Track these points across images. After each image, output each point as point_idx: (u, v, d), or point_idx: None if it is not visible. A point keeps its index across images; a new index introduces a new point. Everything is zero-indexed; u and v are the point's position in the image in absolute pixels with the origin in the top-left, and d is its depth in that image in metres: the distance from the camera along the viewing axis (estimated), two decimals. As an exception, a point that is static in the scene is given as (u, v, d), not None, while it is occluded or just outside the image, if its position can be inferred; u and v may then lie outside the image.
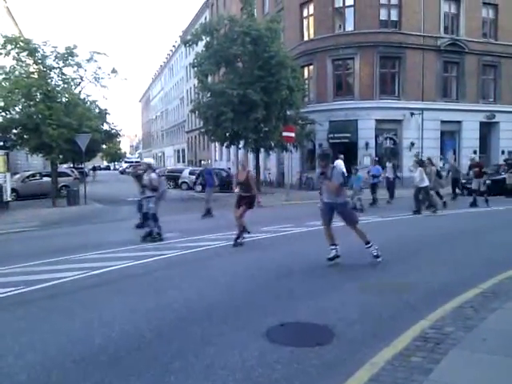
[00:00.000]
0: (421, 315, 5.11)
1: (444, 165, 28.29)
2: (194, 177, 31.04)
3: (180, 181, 32.90)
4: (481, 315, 5.03)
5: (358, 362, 4.02)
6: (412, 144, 28.15)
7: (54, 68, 23.34)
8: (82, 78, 24.39)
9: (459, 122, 29.75)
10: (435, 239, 10.34)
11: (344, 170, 14.62)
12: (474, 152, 28.63)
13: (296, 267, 7.78)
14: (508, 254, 8.48)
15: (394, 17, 28.16)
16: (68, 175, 29.70)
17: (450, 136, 30.26)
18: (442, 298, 5.71)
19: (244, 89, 22.58)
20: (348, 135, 27.70)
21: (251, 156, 30.83)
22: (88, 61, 23.71)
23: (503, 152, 29.61)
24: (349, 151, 26.39)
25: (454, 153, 28.22)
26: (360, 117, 27.68)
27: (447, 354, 4.08)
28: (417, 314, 5.15)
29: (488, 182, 17.81)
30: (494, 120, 30.21)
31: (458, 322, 4.84)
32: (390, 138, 28.90)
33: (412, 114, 28.00)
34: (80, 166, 42.55)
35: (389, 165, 20.42)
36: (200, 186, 25.31)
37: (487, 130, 30.63)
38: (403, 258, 8.40)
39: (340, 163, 14.91)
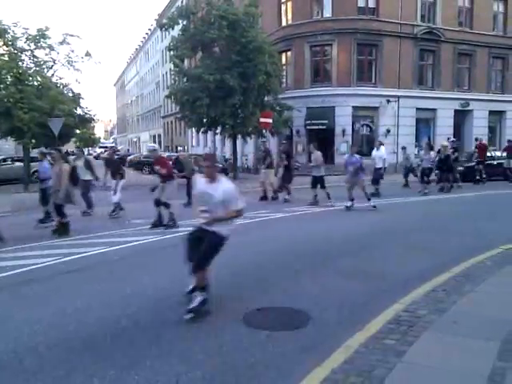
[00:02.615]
0: (394, 299, 5.20)
1: (418, 152, 28.71)
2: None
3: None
4: (452, 298, 5.15)
5: (333, 345, 4.08)
6: (388, 131, 28.42)
7: (25, 50, 22.70)
8: (54, 61, 23.80)
9: (434, 110, 30.12)
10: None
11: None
12: (448, 139, 29.16)
13: (269, 253, 7.80)
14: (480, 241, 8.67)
15: (371, 4, 28.14)
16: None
17: (425, 123, 30.63)
18: (416, 282, 5.82)
19: (221, 74, 22.33)
20: (325, 122, 27.75)
21: (228, 142, 30.66)
22: (61, 43, 23.12)
23: (476, 139, 30.11)
24: (326, 138, 26.50)
25: (429, 139, 28.55)
26: (337, 103, 27.76)
27: (420, 336, 4.17)
28: (391, 298, 5.24)
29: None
30: (468, 108, 30.69)
31: (431, 306, 4.94)
32: (367, 125, 29.11)
33: (388, 102, 28.22)
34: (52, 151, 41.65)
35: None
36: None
37: (461, 117, 31.10)
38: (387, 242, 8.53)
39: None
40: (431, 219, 11.35)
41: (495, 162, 21.44)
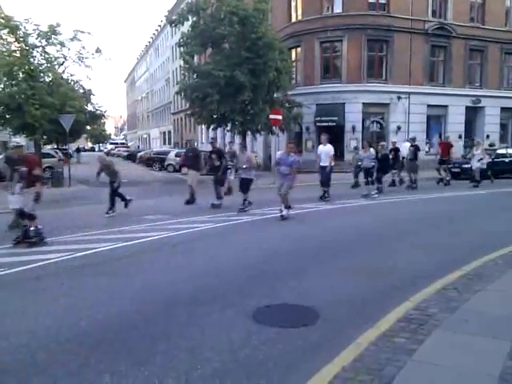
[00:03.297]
0: (405, 297, 5.18)
1: (430, 149, 28.53)
2: (179, 159, 30.97)
3: (166, 163, 32.83)
4: (464, 297, 5.11)
5: (342, 343, 4.07)
6: (398, 128, 28.24)
7: (36, 47, 22.80)
8: (65, 58, 23.90)
9: (445, 107, 29.86)
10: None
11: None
12: (459, 136, 28.93)
13: (281, 249, 7.81)
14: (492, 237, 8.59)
15: (382, -1, 27.98)
16: (52, 156, 29.25)
17: (436, 120, 30.40)
18: (427, 281, 5.78)
19: (231, 70, 22.30)
20: (335, 118, 27.65)
21: (237, 138, 30.67)
22: (71, 40, 23.19)
23: (488, 136, 29.89)
24: (336, 135, 26.42)
25: (440, 136, 28.33)
26: (347, 100, 27.63)
27: (430, 334, 4.14)
28: (401, 296, 5.22)
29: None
30: (479, 105, 30.38)
31: (442, 304, 4.91)
32: (377, 122, 28.95)
33: (399, 98, 28.05)
34: (64, 147, 41.99)
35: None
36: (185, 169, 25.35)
37: (473, 114, 30.80)
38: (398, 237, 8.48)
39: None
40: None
41: (507, 160, 21.21)
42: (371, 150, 16.55)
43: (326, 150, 14.58)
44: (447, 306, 4.85)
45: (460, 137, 28.98)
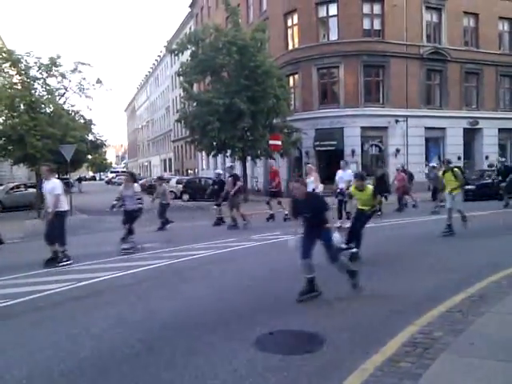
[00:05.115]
0: (409, 321, 5.13)
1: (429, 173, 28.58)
2: (180, 186, 31.09)
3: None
4: (468, 319, 5.06)
5: (348, 369, 4.03)
6: (397, 151, 28.41)
7: (37, 79, 23.19)
8: (66, 89, 24.27)
9: (443, 129, 30.11)
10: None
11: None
12: (459, 158, 29.05)
13: (283, 275, 7.77)
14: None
15: (377, 26, 28.50)
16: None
17: (434, 142, 30.62)
18: (430, 304, 5.74)
19: (230, 98, 22.61)
20: (334, 143, 27.83)
21: (238, 164, 30.85)
22: (72, 71, 23.60)
23: (487, 157, 30.02)
24: (335, 159, 26.52)
25: (439, 158, 28.48)
26: (345, 124, 27.87)
27: (436, 358, 4.10)
28: (405, 320, 5.17)
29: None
30: (477, 126, 30.63)
31: (446, 327, 4.87)
32: (376, 145, 29.16)
33: (397, 121, 28.29)
34: (65, 176, 42.16)
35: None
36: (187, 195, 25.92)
37: (471, 136, 31.03)
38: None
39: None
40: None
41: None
42: (135, 185, 16.56)
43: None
44: (452, 328, 4.81)
45: (459, 158, 29.11)
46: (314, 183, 13.89)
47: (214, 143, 25.11)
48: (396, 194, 18.46)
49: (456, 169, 11.80)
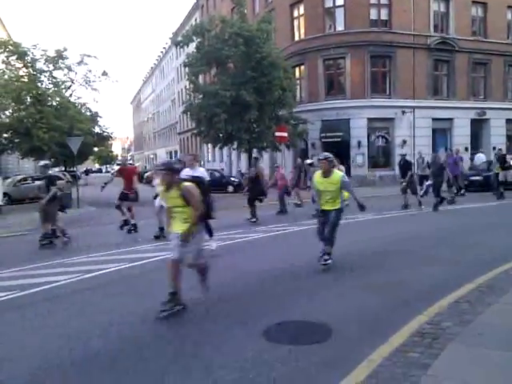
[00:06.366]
0: (418, 311, 5.13)
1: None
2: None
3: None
4: (477, 310, 5.06)
5: (356, 359, 4.03)
6: (404, 142, 28.25)
7: (44, 71, 23.26)
8: (72, 81, 24.37)
9: (450, 120, 29.90)
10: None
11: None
12: (466, 149, 28.85)
13: (292, 267, 7.78)
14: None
15: (384, 16, 28.24)
16: (60, 179, 29.39)
17: (441, 133, 30.41)
18: (439, 294, 5.74)
19: (237, 90, 22.55)
20: (340, 134, 27.73)
21: (243, 156, 30.87)
22: (78, 64, 23.70)
23: (494, 148, 29.80)
24: (341, 150, 26.46)
25: (446, 149, 28.31)
26: (352, 116, 27.75)
27: (444, 348, 4.10)
28: (413, 310, 5.17)
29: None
30: (484, 117, 30.39)
31: (455, 317, 4.86)
32: (382, 137, 29.00)
33: (403, 112, 28.12)
34: (72, 169, 42.34)
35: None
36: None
37: (478, 126, 30.79)
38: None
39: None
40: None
41: None
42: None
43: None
44: (461, 319, 4.80)
45: (466, 149, 28.91)
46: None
47: (221, 135, 25.10)
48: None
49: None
